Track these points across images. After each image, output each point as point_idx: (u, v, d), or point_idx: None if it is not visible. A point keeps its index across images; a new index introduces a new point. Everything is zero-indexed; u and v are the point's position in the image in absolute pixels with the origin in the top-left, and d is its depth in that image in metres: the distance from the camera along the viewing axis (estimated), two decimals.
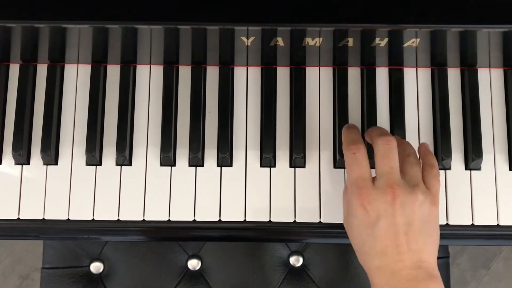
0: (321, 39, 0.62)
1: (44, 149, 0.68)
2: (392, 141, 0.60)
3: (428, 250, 0.58)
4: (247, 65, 0.71)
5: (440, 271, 0.58)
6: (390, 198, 0.57)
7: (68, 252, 0.92)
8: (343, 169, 0.69)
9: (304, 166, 0.69)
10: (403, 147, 0.63)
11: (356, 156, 0.61)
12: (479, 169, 0.69)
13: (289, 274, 0.92)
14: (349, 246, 0.63)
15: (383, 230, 0.57)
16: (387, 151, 0.60)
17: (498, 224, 0.68)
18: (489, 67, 0.71)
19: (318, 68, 0.71)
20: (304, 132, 0.69)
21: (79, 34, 0.62)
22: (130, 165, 0.69)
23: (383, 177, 0.59)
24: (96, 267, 0.92)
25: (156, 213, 0.68)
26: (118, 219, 0.68)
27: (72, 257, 0.93)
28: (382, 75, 0.71)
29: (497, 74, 0.71)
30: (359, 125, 0.69)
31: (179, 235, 0.70)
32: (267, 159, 0.68)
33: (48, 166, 0.69)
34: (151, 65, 0.71)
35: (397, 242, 0.57)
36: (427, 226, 0.59)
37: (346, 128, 0.66)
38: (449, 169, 0.69)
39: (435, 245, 0.60)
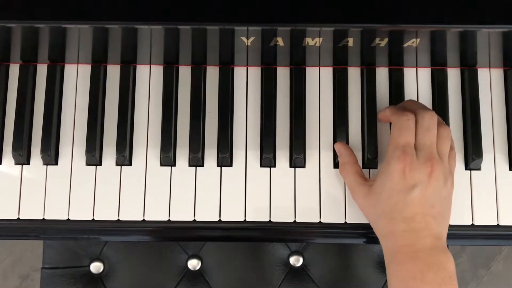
0: (321, 39, 0.62)
1: (44, 149, 0.68)
2: (436, 116, 0.63)
3: (445, 226, 0.62)
4: (247, 65, 0.71)
5: None
6: (429, 171, 0.60)
7: (68, 252, 0.92)
8: None
9: (304, 166, 0.69)
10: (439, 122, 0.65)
11: (409, 123, 0.63)
12: (479, 169, 0.69)
13: (289, 274, 0.92)
14: (349, 246, 0.63)
15: (415, 199, 0.60)
16: (431, 124, 0.63)
17: (498, 224, 0.68)
18: (489, 67, 0.71)
19: (318, 68, 0.71)
20: (304, 132, 0.69)
21: (79, 34, 0.62)
22: (130, 165, 0.69)
23: (425, 150, 0.62)
24: (96, 267, 0.92)
25: (156, 213, 0.68)
26: (118, 219, 0.68)
27: (72, 257, 0.92)
28: (382, 75, 0.71)
29: (497, 74, 0.71)
30: (359, 125, 0.69)
31: (179, 235, 0.70)
32: (267, 159, 0.68)
33: (48, 166, 0.69)
34: (151, 65, 0.71)
35: (425, 211, 0.60)
36: (446, 204, 0.62)
37: (392, 107, 0.67)
38: None
39: (448, 223, 0.63)
